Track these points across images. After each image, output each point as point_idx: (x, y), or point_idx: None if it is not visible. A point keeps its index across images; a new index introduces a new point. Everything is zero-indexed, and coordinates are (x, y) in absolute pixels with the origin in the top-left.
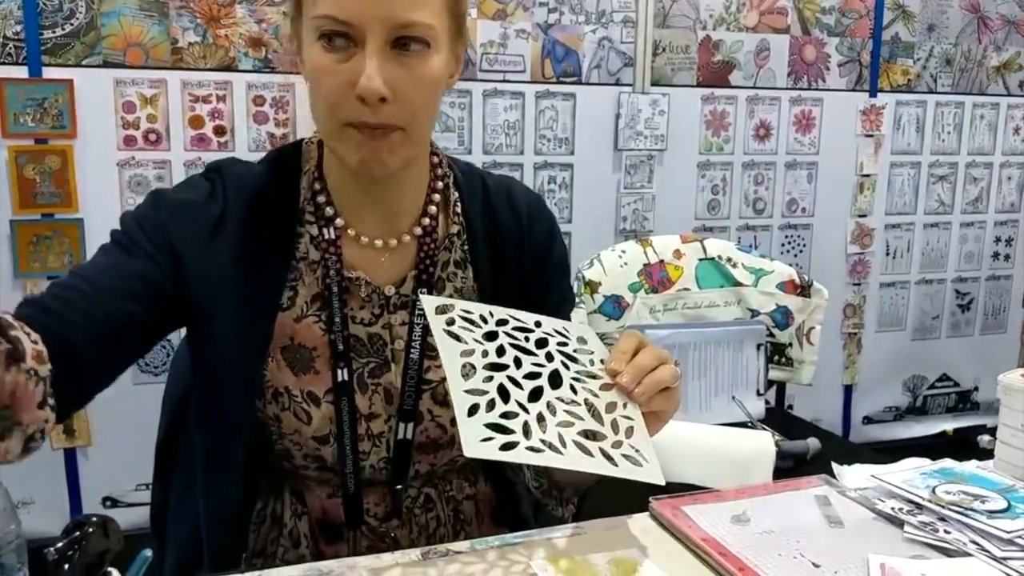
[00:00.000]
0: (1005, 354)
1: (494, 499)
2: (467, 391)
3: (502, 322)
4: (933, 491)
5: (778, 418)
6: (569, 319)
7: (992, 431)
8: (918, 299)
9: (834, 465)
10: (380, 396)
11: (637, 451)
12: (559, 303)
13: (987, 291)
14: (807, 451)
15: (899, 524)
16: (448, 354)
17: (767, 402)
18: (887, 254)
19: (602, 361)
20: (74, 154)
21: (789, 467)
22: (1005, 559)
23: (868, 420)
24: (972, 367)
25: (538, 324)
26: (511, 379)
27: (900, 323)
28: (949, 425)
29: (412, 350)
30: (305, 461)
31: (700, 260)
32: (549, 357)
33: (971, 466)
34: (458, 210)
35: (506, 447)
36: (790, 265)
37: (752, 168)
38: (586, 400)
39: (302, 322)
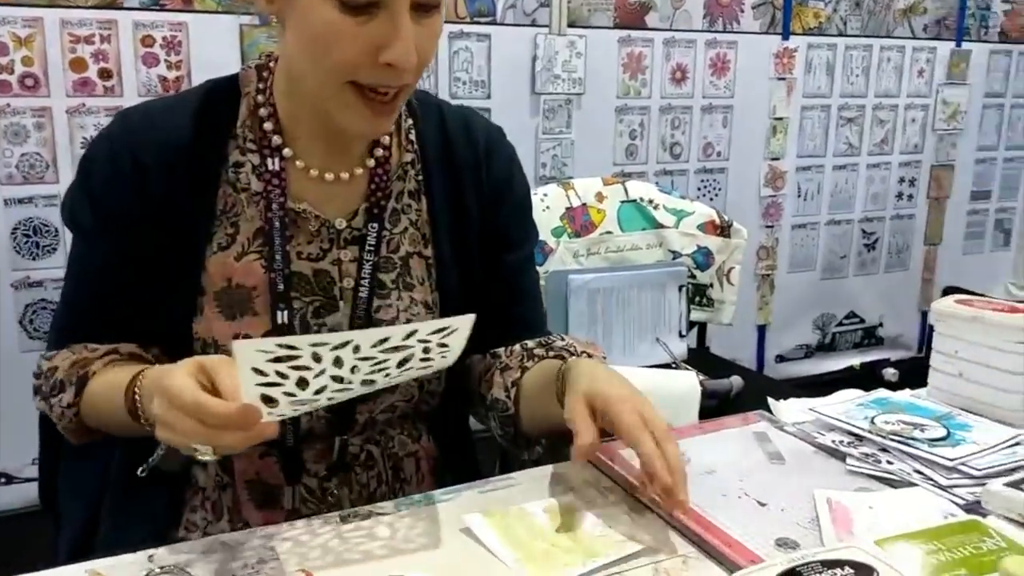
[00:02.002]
0: (907, 291)
1: (436, 455)
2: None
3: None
4: (872, 421)
5: (700, 358)
6: (533, 256)
7: (896, 364)
8: (827, 240)
9: (770, 400)
10: None
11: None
12: (522, 240)
13: (891, 230)
14: (731, 389)
15: (841, 457)
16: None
17: (688, 344)
18: (799, 196)
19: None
20: None
21: (713, 406)
22: (951, 487)
23: (780, 358)
24: (877, 304)
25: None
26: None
27: (810, 263)
28: (856, 360)
29: (361, 288)
30: None
31: (622, 203)
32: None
33: (905, 395)
34: (412, 137)
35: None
36: None
37: (669, 112)
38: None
39: (242, 260)
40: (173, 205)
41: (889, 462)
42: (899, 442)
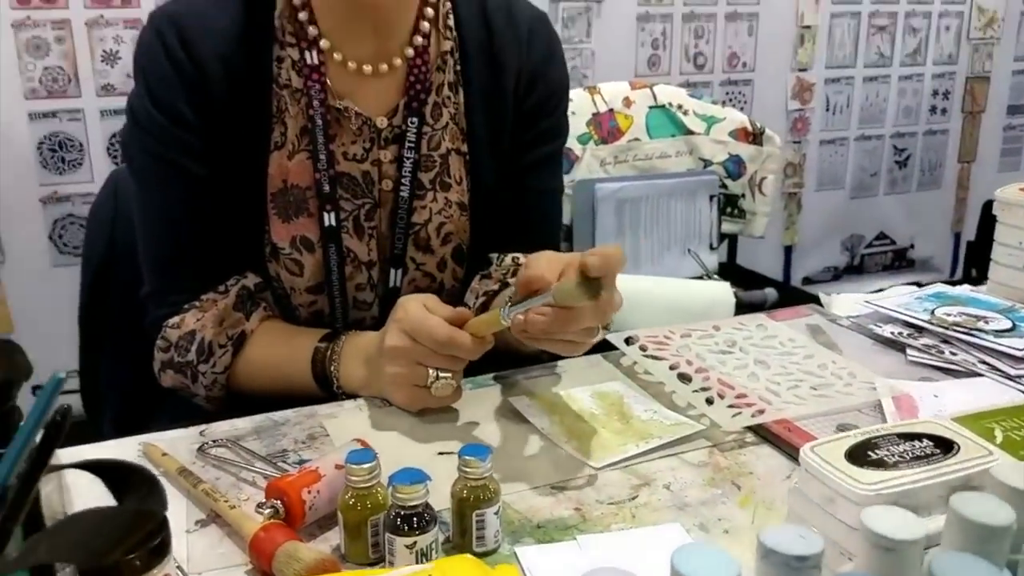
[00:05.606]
0: (940, 210)
1: None
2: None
3: None
4: (932, 313)
5: (731, 273)
6: (559, 154)
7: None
8: (857, 156)
9: (821, 294)
10: (377, 241)
11: None
12: (552, 134)
13: (924, 146)
14: (765, 301)
15: (901, 348)
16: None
17: (719, 259)
18: (827, 110)
19: None
20: None
21: None
22: (1019, 377)
23: (807, 280)
24: (908, 224)
25: None
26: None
27: (839, 182)
28: (886, 283)
29: (402, 188)
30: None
31: (651, 108)
32: None
33: (965, 290)
34: (450, 23)
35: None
36: None
37: (692, 20)
38: None
39: (295, 159)
40: (231, 104)
41: (953, 353)
42: (963, 333)
